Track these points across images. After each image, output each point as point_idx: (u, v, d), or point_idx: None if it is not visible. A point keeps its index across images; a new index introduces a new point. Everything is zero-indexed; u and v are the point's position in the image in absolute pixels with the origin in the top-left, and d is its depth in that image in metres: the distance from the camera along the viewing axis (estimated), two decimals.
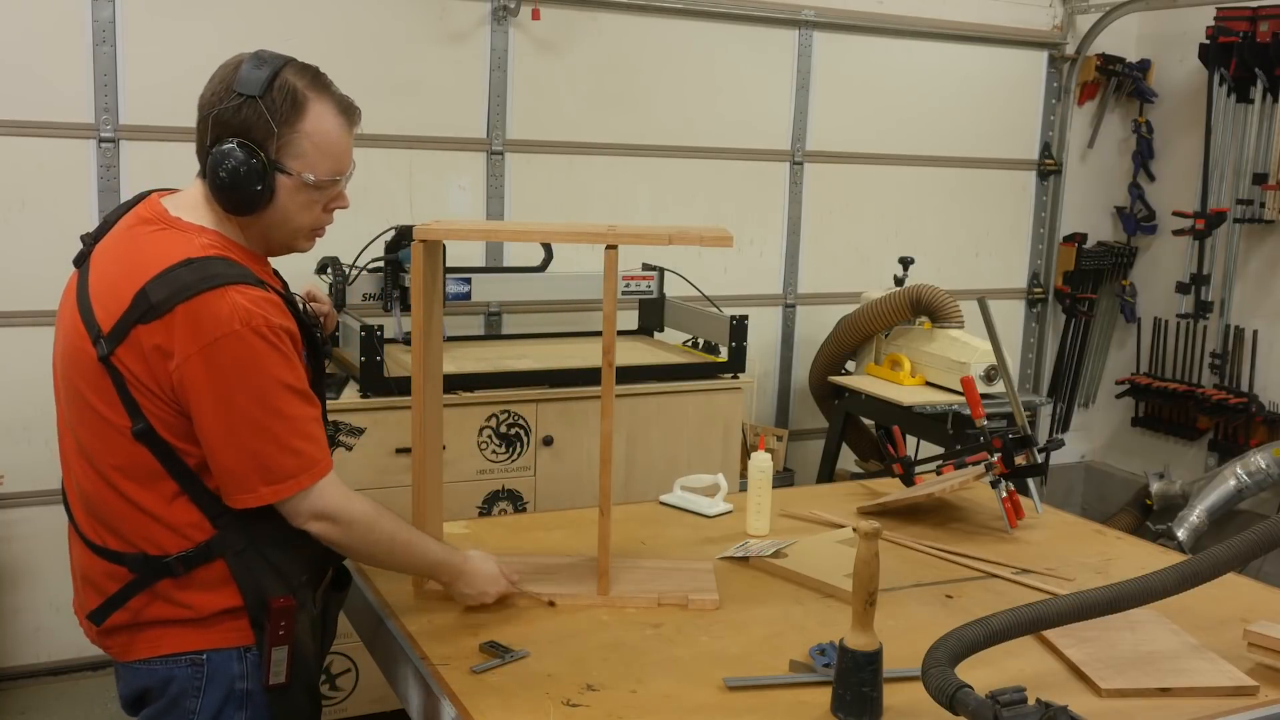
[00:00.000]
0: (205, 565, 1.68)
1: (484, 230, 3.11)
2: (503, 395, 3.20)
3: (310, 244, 1.83)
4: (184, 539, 1.67)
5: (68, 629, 3.42)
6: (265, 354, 1.62)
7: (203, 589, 1.69)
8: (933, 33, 4.57)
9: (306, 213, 1.75)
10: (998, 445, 2.43)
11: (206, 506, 1.67)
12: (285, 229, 1.76)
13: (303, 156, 1.69)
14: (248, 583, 1.69)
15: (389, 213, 3.67)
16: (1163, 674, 1.74)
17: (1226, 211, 4.64)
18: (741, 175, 4.32)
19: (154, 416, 1.63)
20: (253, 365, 1.61)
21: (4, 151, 3.28)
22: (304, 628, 1.76)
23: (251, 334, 1.60)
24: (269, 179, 1.68)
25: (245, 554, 1.69)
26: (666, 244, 1.94)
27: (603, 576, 1.98)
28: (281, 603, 1.69)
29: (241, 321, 1.59)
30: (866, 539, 1.58)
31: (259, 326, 1.61)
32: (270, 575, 1.70)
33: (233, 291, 1.60)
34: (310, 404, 1.70)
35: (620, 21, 4.01)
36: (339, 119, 1.73)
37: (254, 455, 1.63)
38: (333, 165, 1.73)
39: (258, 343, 1.61)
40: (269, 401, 1.62)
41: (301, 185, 1.71)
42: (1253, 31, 4.44)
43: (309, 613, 1.77)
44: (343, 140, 1.74)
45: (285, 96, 1.67)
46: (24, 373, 3.32)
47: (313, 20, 3.57)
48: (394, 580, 2.04)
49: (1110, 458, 5.34)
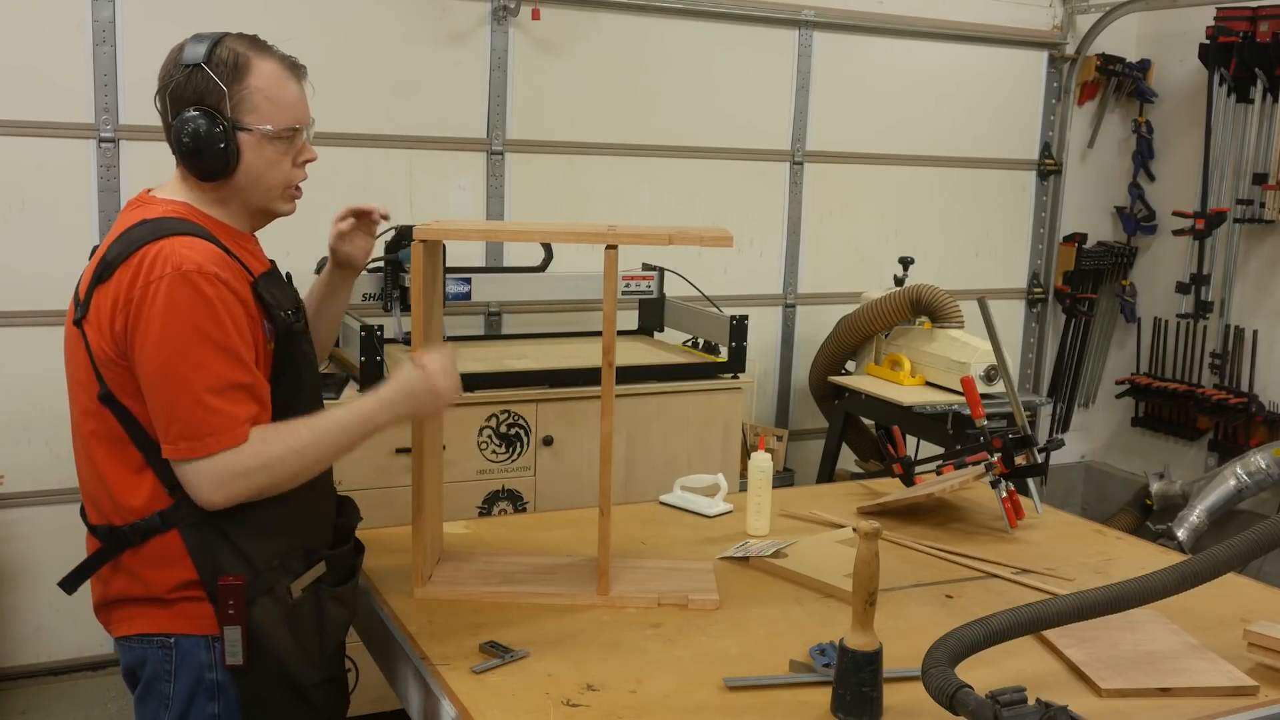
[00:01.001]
0: (160, 536, 1.69)
1: (484, 230, 3.12)
2: (503, 395, 3.20)
3: (290, 205, 1.85)
4: (144, 509, 1.69)
5: (68, 629, 3.43)
6: (191, 301, 1.62)
7: (158, 563, 1.70)
8: (933, 33, 4.57)
9: (275, 168, 1.78)
10: (998, 445, 2.43)
11: (165, 476, 1.68)
12: (259, 189, 1.79)
13: (257, 110, 1.74)
14: (203, 558, 1.69)
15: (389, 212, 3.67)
16: (1163, 674, 1.74)
17: (1226, 211, 4.64)
18: (741, 175, 4.32)
19: (115, 378, 1.66)
20: (176, 310, 1.61)
21: (4, 151, 3.28)
22: (269, 615, 1.71)
23: (180, 280, 1.62)
24: (231, 138, 1.72)
25: (202, 528, 1.68)
26: (667, 244, 1.94)
27: (602, 576, 1.98)
28: (229, 580, 1.67)
29: (174, 266, 1.62)
30: (866, 539, 1.58)
31: (189, 272, 1.62)
32: (229, 553, 1.69)
33: (175, 241, 1.65)
34: (236, 365, 1.65)
35: (620, 21, 4.01)
36: (285, 72, 1.78)
37: (171, 404, 1.62)
38: (289, 115, 1.77)
39: (185, 289, 1.62)
40: (187, 350, 1.62)
41: (263, 139, 1.75)
42: (1253, 31, 4.44)
43: (279, 600, 1.72)
44: (293, 90, 1.78)
45: (228, 58, 1.73)
46: (24, 373, 3.32)
47: (313, 20, 3.57)
48: (394, 580, 2.04)
49: (1110, 458, 5.34)
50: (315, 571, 1.80)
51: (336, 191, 3.61)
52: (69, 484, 3.31)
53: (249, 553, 1.71)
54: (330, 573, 1.84)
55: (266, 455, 1.66)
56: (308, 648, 1.78)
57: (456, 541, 2.28)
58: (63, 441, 3.35)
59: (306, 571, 1.79)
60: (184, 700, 1.74)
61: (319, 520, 1.87)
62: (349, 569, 1.91)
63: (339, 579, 1.86)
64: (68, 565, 1.83)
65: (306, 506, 1.81)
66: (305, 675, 1.77)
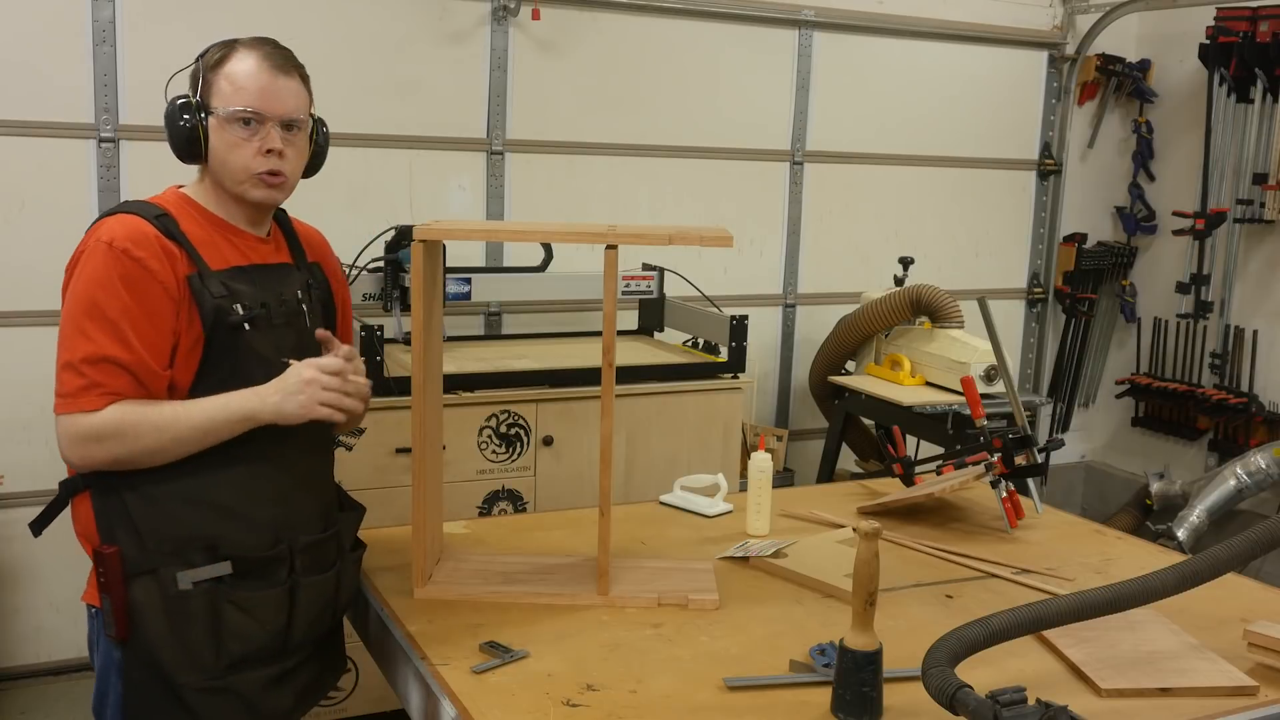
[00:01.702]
0: (79, 495, 1.78)
1: (484, 230, 3.12)
2: (503, 395, 3.20)
3: (258, 192, 1.85)
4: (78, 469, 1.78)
5: (68, 629, 3.43)
6: (98, 270, 1.71)
7: (81, 521, 1.80)
8: (933, 33, 4.57)
9: (235, 152, 1.81)
10: (998, 445, 2.43)
11: None
12: (225, 173, 1.83)
13: (221, 94, 1.81)
14: (102, 522, 1.75)
15: (389, 213, 3.67)
16: (1163, 674, 1.74)
17: (1226, 211, 4.64)
18: (741, 175, 4.32)
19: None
20: (84, 278, 1.72)
21: (4, 151, 3.28)
22: (149, 596, 1.71)
23: (100, 247, 1.72)
24: (197, 119, 1.81)
25: (107, 494, 1.74)
26: (667, 244, 1.94)
27: (602, 576, 1.98)
28: (105, 549, 1.72)
29: (97, 238, 1.73)
30: (866, 539, 1.58)
31: (107, 244, 1.71)
32: (123, 525, 1.73)
33: (115, 217, 1.76)
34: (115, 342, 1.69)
35: (620, 21, 4.01)
36: (260, 62, 1.83)
37: (59, 362, 1.72)
38: (245, 98, 1.80)
39: (98, 258, 1.72)
40: (78, 317, 1.71)
41: (223, 122, 1.81)
42: (1253, 31, 4.44)
43: (161, 584, 1.71)
44: (261, 78, 1.82)
45: (217, 50, 1.85)
46: (24, 373, 3.32)
47: (313, 20, 3.57)
48: (394, 580, 2.04)
49: (1110, 458, 5.34)
50: (215, 569, 1.74)
51: (336, 191, 3.64)
52: None
53: (141, 529, 1.73)
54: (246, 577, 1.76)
55: (122, 424, 1.70)
56: (192, 647, 1.73)
57: (456, 541, 2.27)
58: None
59: (205, 565, 1.73)
60: (102, 674, 1.82)
61: (239, 520, 1.78)
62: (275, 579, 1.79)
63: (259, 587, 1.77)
64: (68, 565, 1.85)
65: (225, 503, 1.77)
66: (183, 675, 1.73)
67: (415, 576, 1.98)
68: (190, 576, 1.72)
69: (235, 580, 1.76)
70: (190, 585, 1.72)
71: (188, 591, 1.72)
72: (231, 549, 1.76)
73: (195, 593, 1.72)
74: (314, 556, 1.85)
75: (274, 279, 1.88)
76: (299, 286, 1.93)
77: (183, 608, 1.72)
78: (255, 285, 1.83)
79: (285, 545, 1.81)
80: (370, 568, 2.08)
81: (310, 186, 2.01)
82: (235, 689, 1.77)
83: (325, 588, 1.87)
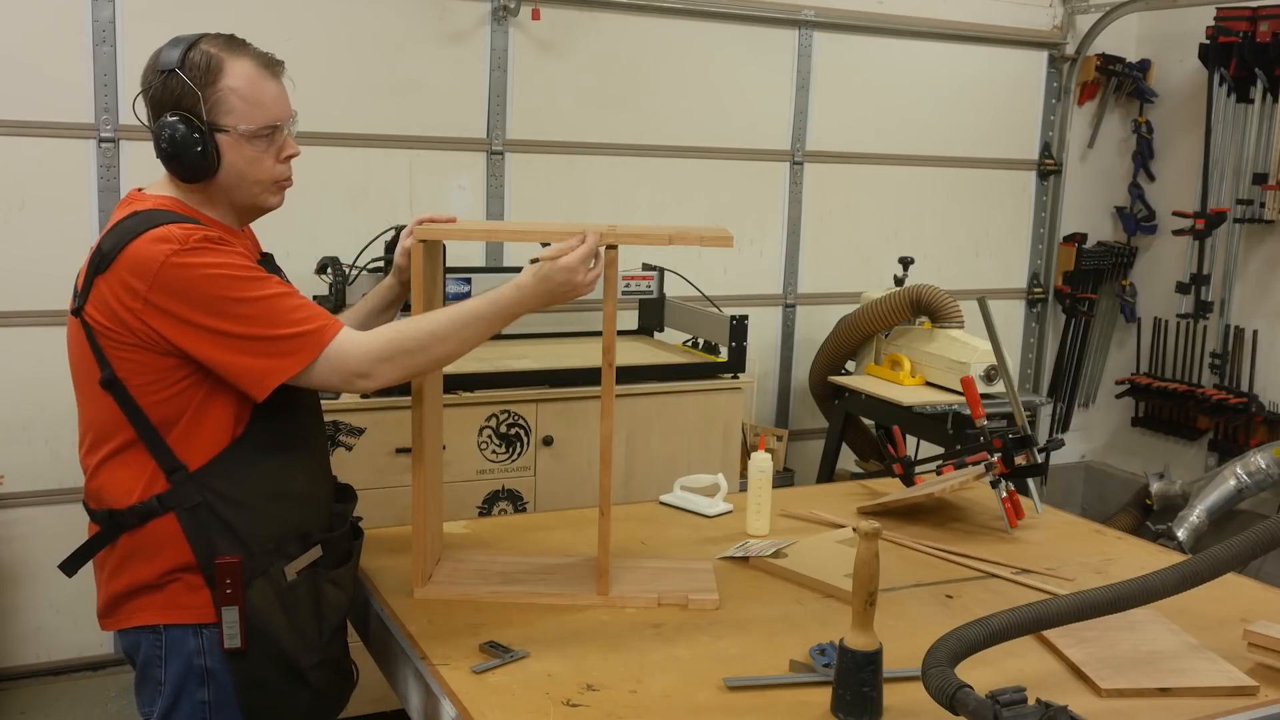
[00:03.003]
0: (158, 519, 1.73)
1: (484, 230, 3.11)
2: (503, 395, 3.20)
3: (278, 199, 1.86)
4: (143, 493, 1.73)
5: (68, 629, 3.43)
6: (202, 262, 1.67)
7: (154, 546, 1.74)
8: (933, 33, 4.57)
9: (257, 166, 1.80)
10: (998, 445, 2.43)
11: (163, 460, 1.72)
12: (243, 188, 1.81)
13: (233, 111, 1.76)
14: (199, 540, 1.72)
15: (389, 213, 3.67)
16: (1163, 674, 1.74)
17: (1226, 211, 4.64)
18: (741, 175, 4.32)
19: (120, 362, 1.70)
20: (197, 279, 1.67)
21: (4, 151, 3.28)
22: (265, 597, 1.74)
23: (184, 253, 1.67)
24: (209, 140, 1.75)
25: (198, 510, 1.72)
26: (667, 244, 1.94)
27: (602, 576, 1.98)
28: (225, 560, 1.71)
29: (173, 247, 1.67)
30: (866, 539, 1.58)
31: (186, 242, 1.68)
32: (224, 535, 1.73)
33: (168, 227, 1.70)
34: (270, 282, 1.72)
35: (620, 21, 4.01)
36: (259, 70, 1.79)
37: (253, 348, 1.69)
38: (265, 113, 1.78)
39: (190, 257, 1.67)
40: (232, 297, 1.68)
41: (241, 139, 1.77)
42: (1253, 31, 4.44)
43: (274, 582, 1.76)
44: (268, 88, 1.80)
45: (201, 61, 1.76)
46: (24, 373, 3.33)
47: (313, 20, 3.57)
48: (394, 580, 2.04)
49: (1110, 458, 5.34)
50: (311, 555, 1.82)
51: (337, 191, 3.65)
52: (69, 484, 3.32)
53: (243, 535, 1.74)
54: (327, 556, 1.86)
55: (401, 337, 1.75)
56: (304, 630, 1.80)
57: (456, 541, 2.27)
58: (62, 441, 3.38)
59: (302, 555, 1.81)
60: (175, 684, 1.77)
61: (313, 505, 1.88)
62: (345, 553, 1.92)
63: (336, 563, 1.88)
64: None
65: (301, 491, 1.84)
66: (302, 657, 1.79)
67: (415, 576, 1.98)
68: (294, 568, 1.79)
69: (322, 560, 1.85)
70: (295, 576, 1.79)
71: (295, 582, 1.79)
72: (316, 533, 1.85)
73: (300, 581, 1.80)
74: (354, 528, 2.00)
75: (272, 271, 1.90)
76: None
77: (295, 598, 1.79)
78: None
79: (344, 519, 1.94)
80: (370, 567, 2.08)
81: (310, 186, 2.02)
82: (333, 656, 1.87)
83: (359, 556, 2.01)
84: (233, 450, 1.75)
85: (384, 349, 1.74)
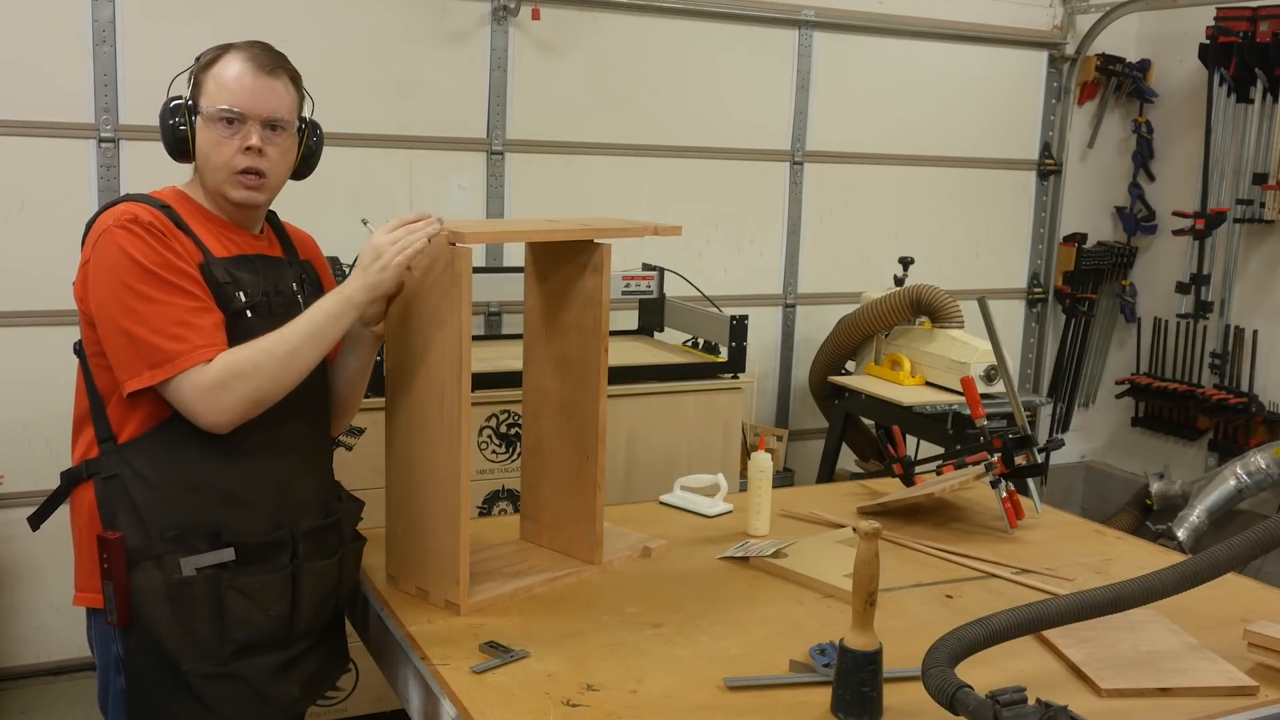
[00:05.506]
0: (82, 485, 1.79)
1: (485, 231, 3.11)
2: (503, 395, 3.20)
3: (237, 192, 1.85)
4: (81, 456, 1.80)
5: (68, 629, 3.43)
6: (128, 242, 1.72)
7: (81, 511, 1.79)
8: (933, 33, 4.57)
9: (217, 150, 1.83)
10: (998, 445, 2.43)
11: (99, 429, 1.79)
12: (207, 170, 1.85)
13: (207, 94, 1.84)
14: (105, 511, 1.75)
15: (389, 212, 3.65)
16: (1163, 674, 1.74)
17: (1226, 211, 4.64)
18: (741, 175, 4.32)
19: (84, 330, 1.80)
20: (118, 254, 1.73)
21: (4, 151, 3.28)
22: (151, 582, 1.72)
23: (118, 228, 1.73)
24: (189, 121, 1.85)
25: (110, 482, 1.75)
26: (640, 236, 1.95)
27: (597, 547, 2.06)
28: (110, 534, 1.72)
29: (114, 220, 1.75)
30: (866, 539, 1.58)
31: (124, 220, 1.74)
32: (128, 511, 1.74)
33: (123, 204, 1.78)
34: (181, 293, 1.74)
35: (620, 21, 4.01)
36: (247, 64, 1.84)
37: (131, 340, 1.72)
38: (229, 97, 1.82)
39: (121, 233, 1.73)
40: (134, 287, 1.72)
41: (207, 121, 1.83)
42: (1253, 31, 4.44)
43: (164, 570, 1.72)
44: (246, 79, 1.83)
45: (210, 52, 1.87)
46: (24, 373, 3.32)
47: (313, 20, 3.57)
48: (394, 580, 2.04)
49: (1110, 458, 5.34)
50: (219, 555, 1.76)
51: (336, 191, 3.64)
52: None
53: (145, 515, 1.74)
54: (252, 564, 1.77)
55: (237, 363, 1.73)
56: (196, 632, 1.74)
57: None
58: (62, 441, 3.36)
59: (208, 552, 1.75)
60: (104, 672, 1.82)
61: (241, 507, 1.79)
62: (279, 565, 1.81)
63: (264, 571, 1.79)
64: (68, 565, 1.84)
65: (226, 489, 1.78)
66: (188, 662, 1.74)
67: (461, 597, 1.97)
68: (193, 563, 1.74)
69: (238, 567, 1.77)
70: (193, 572, 1.74)
71: (190, 578, 1.74)
72: (233, 535, 1.78)
73: (198, 579, 1.74)
74: (316, 543, 1.87)
75: (272, 270, 1.90)
76: (293, 280, 1.94)
77: (186, 594, 1.74)
78: (257, 274, 1.87)
79: (287, 530, 1.83)
80: (370, 567, 2.08)
81: (310, 186, 2.01)
82: (241, 675, 1.78)
83: (328, 575, 1.89)
84: (159, 431, 1.77)
85: (220, 376, 1.72)
